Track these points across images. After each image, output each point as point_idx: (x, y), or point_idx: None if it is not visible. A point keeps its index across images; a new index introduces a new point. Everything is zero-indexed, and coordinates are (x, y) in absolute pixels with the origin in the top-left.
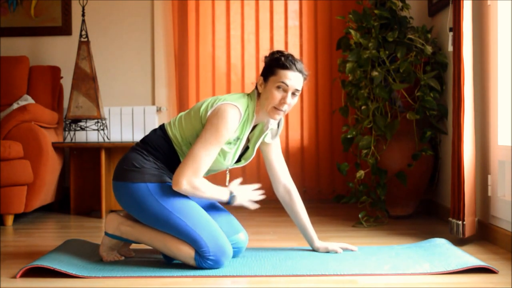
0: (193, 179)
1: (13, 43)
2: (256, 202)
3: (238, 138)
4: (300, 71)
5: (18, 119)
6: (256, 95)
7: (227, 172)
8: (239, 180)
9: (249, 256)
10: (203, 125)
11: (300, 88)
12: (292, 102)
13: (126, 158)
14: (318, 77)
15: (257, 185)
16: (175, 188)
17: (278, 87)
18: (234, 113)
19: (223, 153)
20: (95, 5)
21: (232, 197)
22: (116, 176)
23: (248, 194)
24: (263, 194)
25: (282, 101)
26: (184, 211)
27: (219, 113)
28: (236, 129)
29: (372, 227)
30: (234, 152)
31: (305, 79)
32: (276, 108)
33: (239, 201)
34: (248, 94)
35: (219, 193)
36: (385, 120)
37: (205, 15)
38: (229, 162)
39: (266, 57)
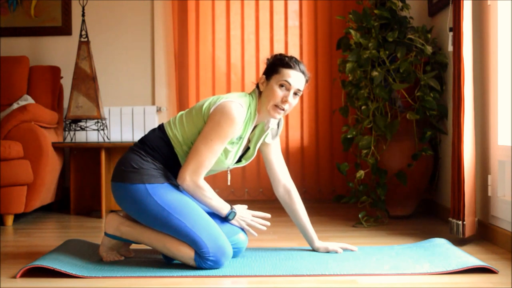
0: (196, 176)
1: (13, 43)
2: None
3: (240, 137)
4: (303, 72)
5: (18, 119)
6: (257, 94)
7: (228, 172)
8: (245, 206)
9: (249, 256)
10: (205, 123)
11: (301, 89)
12: (293, 102)
13: (124, 159)
14: (318, 77)
15: (264, 214)
16: (178, 182)
17: (281, 85)
18: (238, 110)
19: (225, 152)
20: (95, 5)
21: (231, 213)
22: (115, 177)
23: (248, 219)
24: (265, 225)
25: (284, 99)
26: (183, 212)
27: (224, 111)
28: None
29: (372, 227)
30: (235, 151)
31: (306, 81)
32: (277, 106)
33: (237, 220)
34: (249, 93)
35: (220, 204)
36: (385, 120)
37: (205, 15)
38: (230, 162)
39: (268, 59)
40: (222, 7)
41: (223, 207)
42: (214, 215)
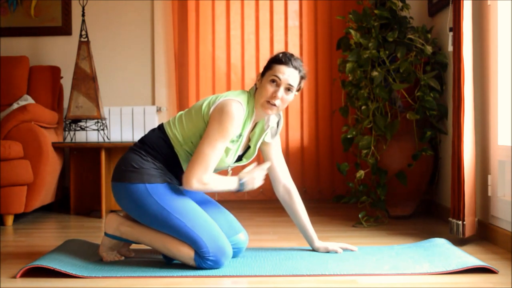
0: (202, 176)
1: (13, 43)
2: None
3: (240, 135)
4: (296, 68)
5: (18, 119)
6: (254, 92)
7: (230, 171)
8: (253, 165)
9: (249, 256)
10: (205, 123)
11: (294, 84)
12: (285, 97)
13: (125, 158)
14: (318, 77)
15: (266, 165)
16: (186, 187)
17: (272, 81)
18: (238, 108)
19: (225, 150)
20: (95, 5)
21: (242, 184)
22: (115, 177)
23: (260, 178)
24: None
25: (274, 94)
26: (183, 211)
27: (223, 109)
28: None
29: (372, 227)
30: (235, 149)
31: (302, 77)
32: (268, 102)
33: (249, 186)
34: (247, 91)
35: (229, 184)
36: (385, 120)
37: (205, 15)
38: (230, 160)
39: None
40: (222, 7)
41: (232, 185)
42: (215, 215)
